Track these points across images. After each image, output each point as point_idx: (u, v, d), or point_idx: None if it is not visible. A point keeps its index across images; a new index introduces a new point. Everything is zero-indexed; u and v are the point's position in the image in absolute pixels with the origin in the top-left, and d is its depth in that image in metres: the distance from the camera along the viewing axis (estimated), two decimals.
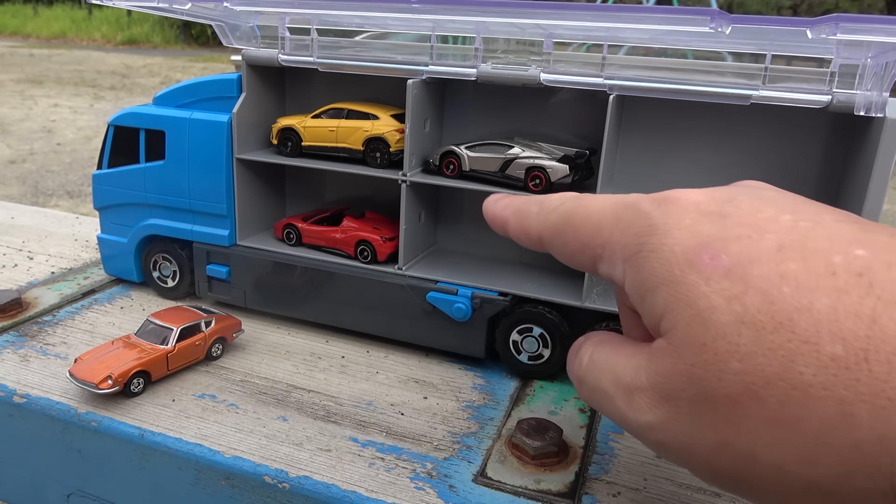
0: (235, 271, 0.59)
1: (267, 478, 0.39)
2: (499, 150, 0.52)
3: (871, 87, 0.42)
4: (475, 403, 0.48)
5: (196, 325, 0.50)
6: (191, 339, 0.49)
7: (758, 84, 0.45)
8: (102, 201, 0.63)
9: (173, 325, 0.48)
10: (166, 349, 0.47)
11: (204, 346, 0.50)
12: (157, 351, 0.47)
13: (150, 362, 0.46)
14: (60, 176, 3.36)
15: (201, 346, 0.50)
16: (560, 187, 0.50)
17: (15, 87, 5.81)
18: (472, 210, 0.60)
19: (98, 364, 0.45)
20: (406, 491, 0.38)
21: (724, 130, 0.51)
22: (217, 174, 0.57)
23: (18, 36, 11.06)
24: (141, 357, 0.46)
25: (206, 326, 0.50)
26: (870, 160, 0.42)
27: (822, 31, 0.37)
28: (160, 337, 0.48)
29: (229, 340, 0.52)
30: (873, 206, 0.42)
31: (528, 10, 0.43)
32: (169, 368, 0.48)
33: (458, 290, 0.52)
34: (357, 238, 0.56)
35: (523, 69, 0.50)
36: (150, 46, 10.10)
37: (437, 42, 0.52)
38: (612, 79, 0.47)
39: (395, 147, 0.54)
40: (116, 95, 5.49)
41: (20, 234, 0.78)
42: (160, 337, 0.48)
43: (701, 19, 0.39)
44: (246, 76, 0.57)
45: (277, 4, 0.50)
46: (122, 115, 0.60)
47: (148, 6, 0.54)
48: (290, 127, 0.57)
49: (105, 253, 0.64)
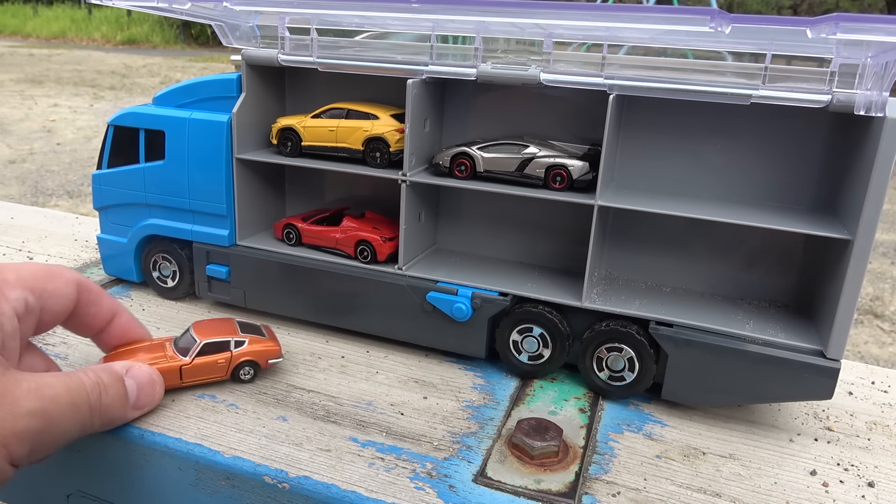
0: (235, 271, 0.59)
1: (267, 478, 0.39)
2: (514, 150, 0.52)
3: (871, 87, 0.42)
4: (475, 403, 0.48)
5: (223, 343, 0.47)
6: (213, 356, 0.47)
7: (758, 84, 0.45)
8: (102, 201, 0.63)
9: (199, 338, 0.47)
10: (182, 361, 0.46)
11: (227, 366, 0.47)
12: (173, 360, 0.46)
13: (160, 370, 0.45)
14: (60, 176, 3.36)
15: (223, 365, 0.47)
16: (581, 184, 0.50)
17: (15, 86, 5.81)
18: (471, 210, 0.60)
19: (120, 359, 0.45)
20: (406, 491, 0.38)
21: (723, 130, 0.51)
22: (217, 174, 0.57)
23: (18, 36, 11.06)
24: (155, 362, 0.45)
25: (235, 346, 0.47)
26: (870, 160, 0.42)
27: (822, 30, 0.37)
28: (187, 347, 0.47)
29: (263, 367, 0.49)
30: (873, 206, 0.42)
31: (528, 10, 0.43)
32: (182, 380, 0.46)
33: (458, 290, 0.52)
34: (357, 238, 0.56)
35: (523, 69, 0.50)
36: (150, 46, 10.10)
37: (437, 42, 0.52)
38: (612, 78, 0.47)
39: (394, 147, 0.54)
40: (116, 95, 5.49)
41: (20, 234, 0.78)
42: (187, 347, 0.47)
43: (701, 19, 0.39)
44: (246, 76, 0.57)
45: (277, 4, 0.50)
46: (122, 115, 0.60)
47: (148, 6, 0.53)
48: (290, 127, 0.57)
49: (105, 253, 0.64)
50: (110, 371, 0.41)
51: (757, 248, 0.52)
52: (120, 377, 0.41)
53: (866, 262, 0.43)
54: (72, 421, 0.37)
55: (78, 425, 0.38)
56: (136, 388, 0.42)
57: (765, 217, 0.47)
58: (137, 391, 0.42)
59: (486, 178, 0.53)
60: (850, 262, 0.43)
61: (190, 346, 0.47)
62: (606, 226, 0.54)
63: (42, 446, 0.36)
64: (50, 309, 0.42)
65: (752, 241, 0.52)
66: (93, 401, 0.38)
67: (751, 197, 0.51)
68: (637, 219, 0.53)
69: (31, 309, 0.40)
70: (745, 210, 0.48)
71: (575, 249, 0.56)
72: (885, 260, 2.60)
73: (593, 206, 0.48)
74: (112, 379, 0.40)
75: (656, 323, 0.48)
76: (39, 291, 0.41)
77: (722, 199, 0.51)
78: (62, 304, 0.42)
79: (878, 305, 2.23)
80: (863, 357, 1.85)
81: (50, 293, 0.41)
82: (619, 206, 0.48)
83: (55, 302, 0.42)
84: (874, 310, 2.19)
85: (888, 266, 2.55)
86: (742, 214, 0.47)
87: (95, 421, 0.39)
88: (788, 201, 0.51)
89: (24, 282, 0.40)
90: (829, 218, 0.48)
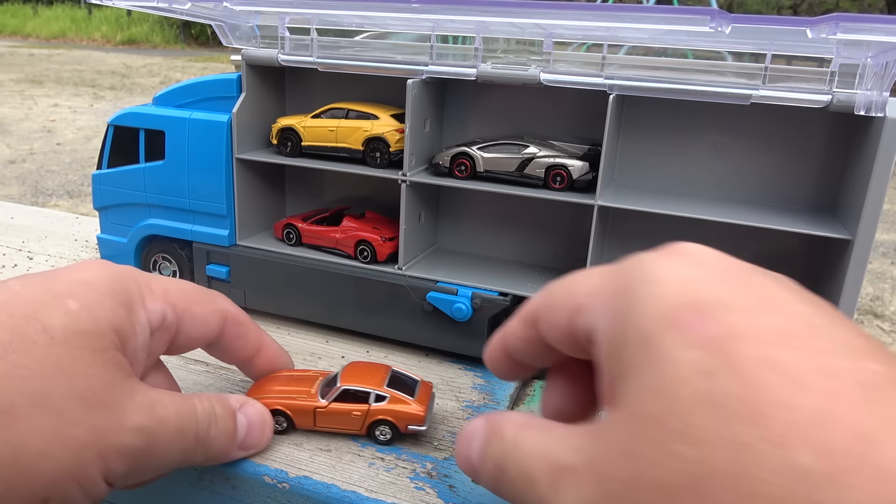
0: (235, 271, 0.59)
1: (267, 478, 0.39)
2: (514, 150, 0.52)
3: (872, 87, 0.42)
4: (475, 403, 0.48)
5: (363, 395, 0.41)
6: (349, 405, 0.41)
7: (758, 84, 0.45)
8: (102, 201, 0.63)
9: (341, 382, 0.42)
10: (318, 403, 0.41)
11: (362, 421, 0.41)
12: (311, 400, 0.41)
13: (295, 407, 0.41)
14: (60, 176, 3.36)
15: (358, 418, 0.41)
16: (581, 184, 0.50)
17: (15, 86, 5.81)
18: (472, 210, 0.60)
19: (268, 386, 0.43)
20: (406, 491, 0.38)
21: (723, 130, 0.51)
22: (217, 174, 0.57)
23: (18, 36, 11.06)
24: (293, 398, 0.41)
25: (374, 401, 0.41)
26: (870, 160, 0.42)
27: (822, 30, 0.37)
28: (329, 389, 0.42)
29: (402, 430, 0.42)
30: (873, 206, 0.42)
31: (528, 10, 0.43)
32: (316, 425, 0.42)
33: (458, 290, 0.52)
34: (357, 238, 0.56)
35: (523, 69, 0.50)
36: (150, 46, 10.10)
37: (437, 42, 0.52)
38: (612, 78, 0.47)
39: (394, 147, 0.54)
40: (116, 95, 5.49)
41: (20, 234, 0.78)
42: (329, 389, 0.42)
43: (701, 19, 0.39)
44: (246, 76, 0.57)
45: (277, 4, 0.50)
46: (122, 115, 0.60)
47: (148, 6, 0.53)
48: (290, 127, 0.57)
49: (105, 253, 0.64)
50: (224, 403, 0.38)
51: (757, 249, 0.52)
52: (233, 412, 0.38)
53: (866, 262, 0.43)
54: (176, 447, 0.34)
55: (180, 453, 0.34)
56: (246, 426, 0.38)
57: (765, 217, 0.47)
58: (247, 430, 0.38)
59: (486, 178, 0.53)
60: (850, 262, 0.43)
61: (331, 388, 0.42)
62: (606, 226, 0.54)
63: (140, 469, 0.32)
64: (187, 333, 0.38)
65: (752, 242, 0.52)
66: (200, 431, 0.35)
67: (751, 197, 0.51)
68: (637, 219, 0.53)
69: (167, 326, 0.37)
70: (745, 210, 0.48)
71: (575, 249, 0.57)
72: (885, 260, 2.60)
73: (593, 206, 0.48)
74: (224, 412, 0.37)
75: None
76: (182, 311, 0.37)
77: (722, 199, 0.51)
78: (202, 332, 0.39)
79: (878, 305, 2.23)
80: None
81: (192, 316, 0.38)
82: (619, 207, 0.48)
83: (195, 327, 0.38)
84: (874, 310, 2.19)
85: (888, 266, 2.55)
86: (742, 214, 0.47)
87: (199, 453, 0.35)
88: (788, 201, 0.51)
89: (169, 297, 0.37)
90: (829, 218, 0.48)
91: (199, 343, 0.40)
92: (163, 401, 0.34)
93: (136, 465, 0.32)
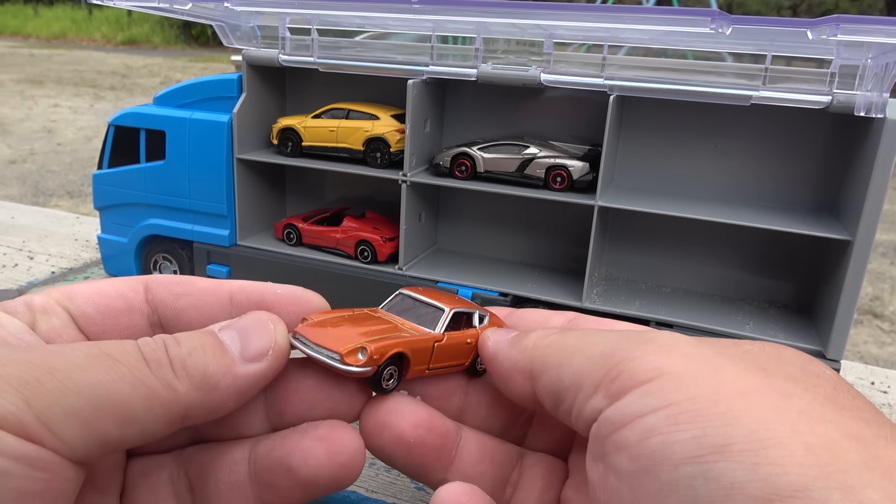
0: (236, 271, 0.59)
1: None
2: (514, 151, 0.52)
3: (872, 88, 0.42)
4: None
5: (469, 315, 0.32)
6: (461, 332, 0.31)
7: (758, 84, 0.45)
8: (103, 201, 0.63)
9: (444, 305, 0.32)
10: (435, 335, 0.30)
11: (471, 350, 0.31)
12: (421, 334, 0.30)
13: (414, 345, 0.29)
14: (60, 176, 3.36)
15: (469, 348, 0.31)
16: (581, 184, 0.50)
17: (15, 87, 5.81)
18: (472, 210, 0.60)
19: (348, 329, 0.30)
20: (406, 491, 0.38)
21: (723, 131, 0.51)
22: (217, 174, 0.57)
23: (18, 36, 11.06)
24: (406, 335, 0.30)
25: (479, 321, 0.32)
26: (870, 160, 0.42)
27: (822, 31, 0.37)
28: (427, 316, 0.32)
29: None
30: (873, 206, 0.42)
31: (528, 11, 0.43)
32: (430, 365, 0.30)
33: (458, 290, 0.52)
34: (357, 238, 0.56)
35: (523, 69, 0.50)
36: (150, 47, 10.10)
37: (438, 42, 0.52)
38: (612, 79, 0.47)
39: (395, 147, 0.54)
40: (116, 95, 5.49)
41: (20, 233, 0.78)
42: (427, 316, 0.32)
43: (701, 20, 0.39)
44: (246, 76, 0.57)
45: (278, 4, 0.50)
46: (123, 115, 0.60)
47: (148, 6, 0.54)
48: (291, 127, 0.57)
49: (105, 253, 0.64)
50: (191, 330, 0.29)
51: (757, 249, 0.52)
52: (207, 330, 0.29)
53: (866, 262, 0.43)
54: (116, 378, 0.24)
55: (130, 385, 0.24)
56: (237, 336, 0.29)
57: (765, 218, 0.47)
58: (241, 338, 0.28)
59: (486, 178, 0.53)
60: (849, 263, 0.43)
61: (433, 316, 0.32)
62: (606, 226, 0.54)
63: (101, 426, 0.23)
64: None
65: (752, 242, 0.52)
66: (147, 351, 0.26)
67: (751, 197, 0.51)
68: (637, 219, 0.53)
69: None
70: (746, 211, 0.49)
71: (575, 250, 0.57)
72: (885, 260, 2.60)
73: (593, 206, 0.48)
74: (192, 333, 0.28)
75: (657, 323, 0.48)
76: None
77: (722, 199, 0.51)
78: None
79: (877, 305, 2.23)
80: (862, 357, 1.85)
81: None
82: (619, 207, 0.48)
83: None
84: (874, 310, 2.19)
85: (888, 266, 2.55)
86: (742, 215, 0.47)
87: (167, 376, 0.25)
88: (788, 202, 0.51)
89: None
90: (829, 218, 0.48)
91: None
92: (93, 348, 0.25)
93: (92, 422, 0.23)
